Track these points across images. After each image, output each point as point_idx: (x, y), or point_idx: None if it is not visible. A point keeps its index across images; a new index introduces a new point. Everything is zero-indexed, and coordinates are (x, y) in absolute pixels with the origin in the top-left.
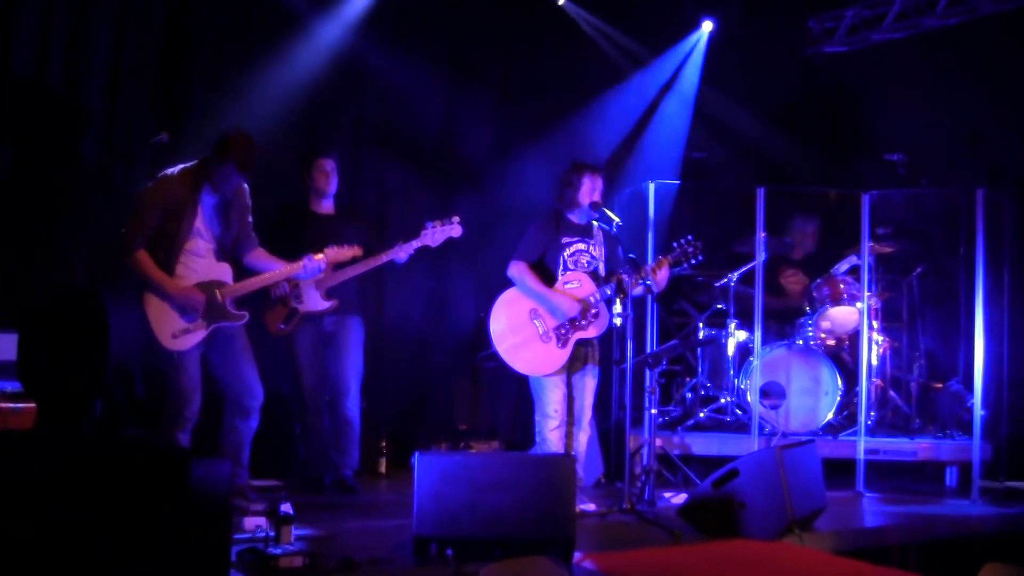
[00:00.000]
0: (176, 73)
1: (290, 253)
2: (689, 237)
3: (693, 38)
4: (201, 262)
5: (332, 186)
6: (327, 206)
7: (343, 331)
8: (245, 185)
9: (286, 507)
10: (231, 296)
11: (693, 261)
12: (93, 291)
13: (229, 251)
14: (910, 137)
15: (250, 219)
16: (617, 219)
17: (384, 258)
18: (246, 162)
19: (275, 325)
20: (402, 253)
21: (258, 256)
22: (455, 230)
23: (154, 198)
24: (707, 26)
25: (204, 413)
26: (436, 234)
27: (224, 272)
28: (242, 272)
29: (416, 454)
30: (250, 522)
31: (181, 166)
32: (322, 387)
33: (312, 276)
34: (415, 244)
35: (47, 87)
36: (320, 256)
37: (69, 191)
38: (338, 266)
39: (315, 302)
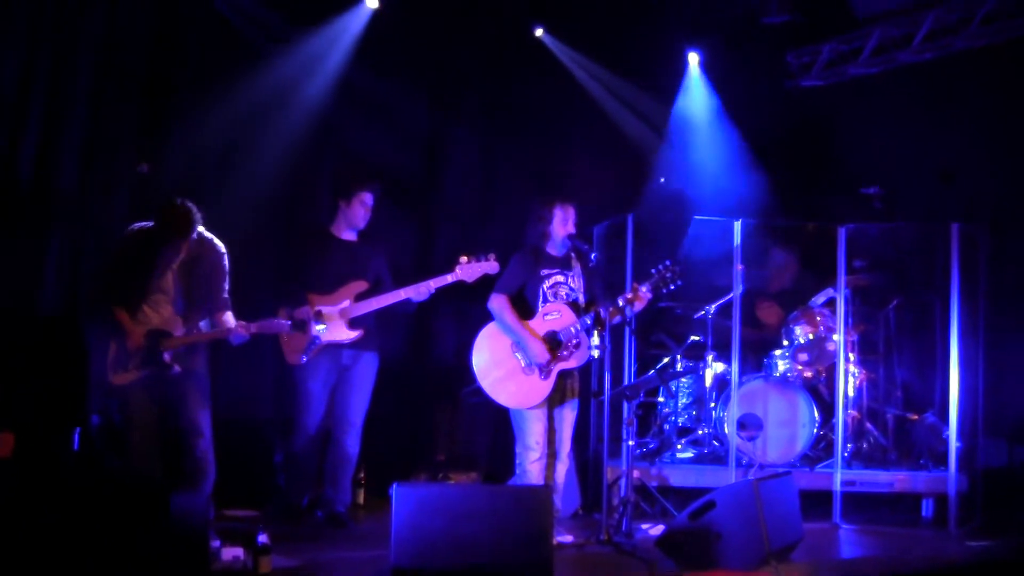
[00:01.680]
0: (158, 105)
1: (312, 277)
2: (667, 262)
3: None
4: (159, 313)
5: (366, 221)
6: (350, 234)
7: (359, 365)
8: (219, 251)
9: (263, 538)
10: (171, 348)
11: (672, 286)
12: (70, 322)
13: (196, 308)
14: (886, 171)
15: (225, 284)
16: (592, 250)
17: (409, 293)
18: (185, 230)
19: (296, 355)
20: (432, 287)
21: (219, 320)
22: (492, 267)
23: (116, 254)
24: (693, 58)
25: None
26: (471, 269)
27: (176, 326)
28: None
29: (394, 485)
30: (228, 553)
31: (139, 225)
32: (323, 419)
33: (239, 342)
34: (448, 279)
35: (27, 115)
36: (244, 328)
37: (48, 221)
38: (360, 297)
39: (340, 332)
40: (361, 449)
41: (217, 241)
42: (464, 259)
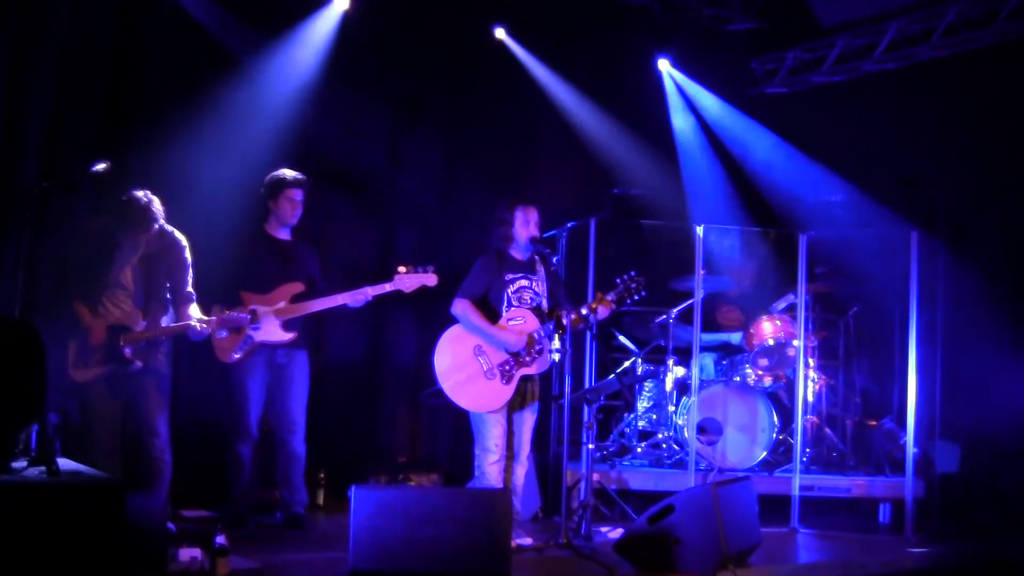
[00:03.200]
0: (119, 103)
1: (247, 276)
2: (632, 273)
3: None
4: (120, 308)
5: (297, 217)
6: (284, 233)
7: (293, 365)
8: (181, 245)
9: (221, 539)
10: (131, 343)
11: (636, 297)
12: (27, 322)
13: (157, 303)
14: (848, 178)
15: (187, 278)
16: (554, 253)
17: (346, 299)
18: (144, 224)
19: (227, 354)
20: (369, 294)
21: (182, 314)
22: (430, 278)
23: (75, 248)
24: (663, 64)
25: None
26: (409, 280)
27: (137, 320)
28: None
29: (353, 487)
30: (185, 554)
31: (98, 218)
32: (263, 418)
33: (198, 338)
34: (387, 287)
35: None
36: (204, 323)
37: (5, 219)
38: (296, 298)
39: (273, 333)
40: (321, 450)
41: (179, 234)
42: (403, 269)
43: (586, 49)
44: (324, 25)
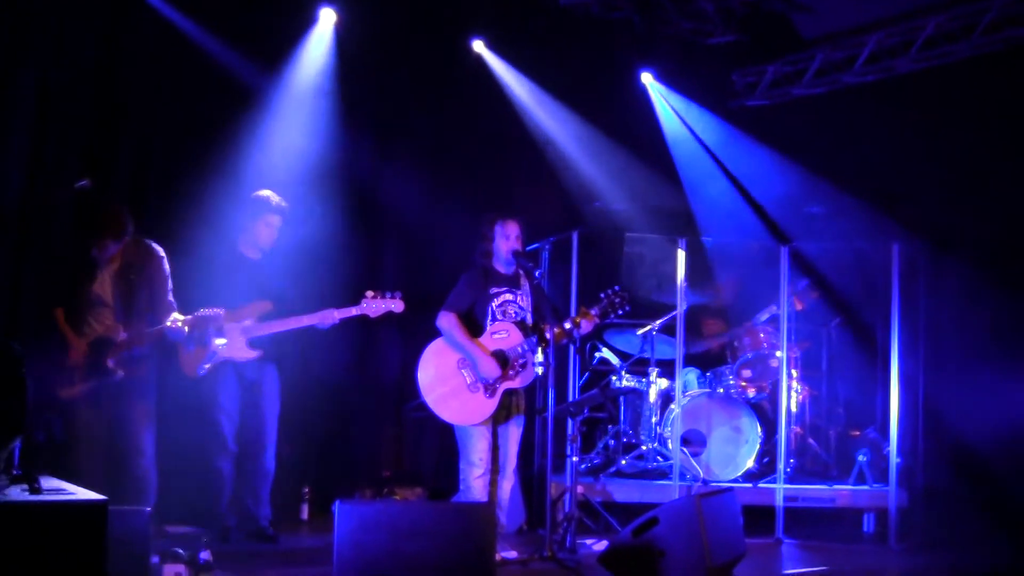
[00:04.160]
0: (104, 121)
1: (219, 294)
2: (616, 288)
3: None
4: (102, 323)
5: (270, 242)
6: (255, 252)
7: (264, 380)
8: (158, 256)
9: (205, 555)
10: (114, 355)
11: (620, 312)
12: (6, 341)
13: (137, 314)
14: (830, 190)
15: (166, 288)
16: (536, 267)
17: (313, 320)
18: (119, 232)
19: (194, 368)
20: (336, 317)
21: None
22: (397, 305)
23: (57, 263)
24: (647, 77)
25: None
26: (376, 305)
27: (118, 333)
28: None
29: (337, 502)
30: (169, 570)
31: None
32: (238, 432)
33: (176, 337)
34: (353, 311)
35: None
36: (179, 322)
37: None
38: (263, 317)
39: (239, 350)
40: (306, 465)
41: (155, 246)
42: (370, 294)
43: (567, 63)
44: (315, 44)
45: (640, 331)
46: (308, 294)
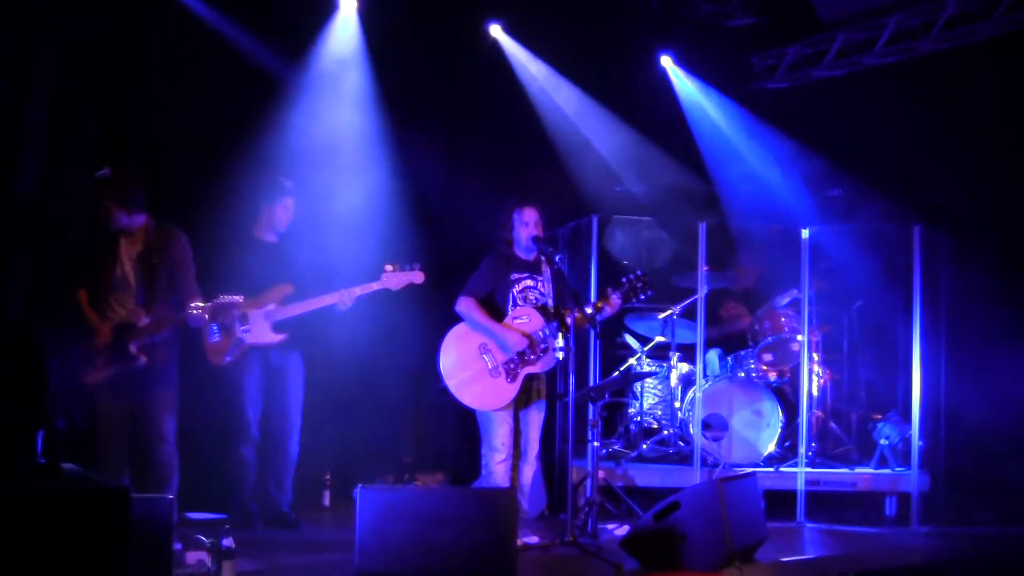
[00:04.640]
0: (120, 113)
1: (237, 278)
2: (638, 272)
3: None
4: (124, 307)
5: (287, 224)
6: (272, 235)
7: (289, 366)
8: (180, 239)
9: (228, 541)
10: (137, 339)
11: (642, 296)
12: (29, 330)
13: (160, 299)
14: (850, 172)
15: (190, 273)
16: (556, 252)
17: (335, 299)
18: (125, 198)
19: (219, 357)
20: (357, 292)
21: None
22: (416, 276)
23: (79, 248)
24: (666, 60)
25: None
26: (396, 278)
27: (140, 317)
28: None
29: (358, 488)
30: (192, 557)
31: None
32: (262, 419)
33: (196, 324)
34: (374, 286)
35: None
36: (198, 308)
37: (7, 229)
38: (286, 300)
39: (264, 335)
40: (327, 451)
41: (178, 229)
42: (389, 268)
43: (585, 46)
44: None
45: (661, 315)
46: (328, 274)
